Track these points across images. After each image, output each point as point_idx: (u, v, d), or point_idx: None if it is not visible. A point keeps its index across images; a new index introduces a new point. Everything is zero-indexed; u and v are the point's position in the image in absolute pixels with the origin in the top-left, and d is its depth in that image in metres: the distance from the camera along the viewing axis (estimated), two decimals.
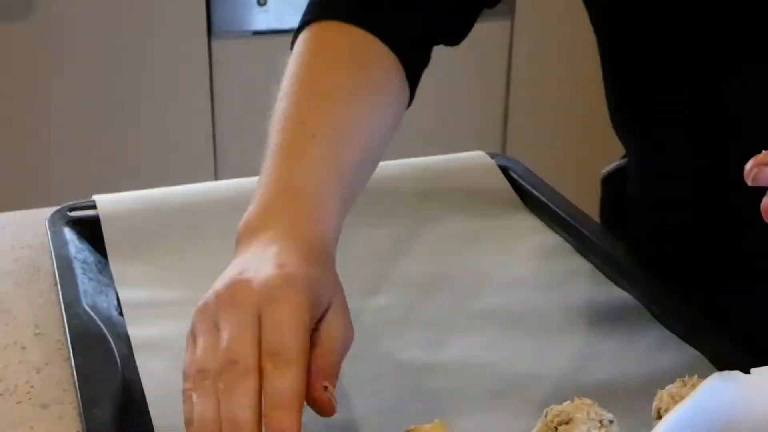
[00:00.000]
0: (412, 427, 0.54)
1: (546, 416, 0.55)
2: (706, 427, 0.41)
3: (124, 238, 0.81)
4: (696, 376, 0.55)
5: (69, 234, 0.80)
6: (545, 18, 2.06)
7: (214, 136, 2.00)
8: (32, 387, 0.66)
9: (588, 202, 0.94)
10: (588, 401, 0.55)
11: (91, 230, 0.81)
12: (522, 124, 2.13)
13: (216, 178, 1.97)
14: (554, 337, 0.70)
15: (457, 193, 0.90)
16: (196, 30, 1.95)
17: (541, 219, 0.86)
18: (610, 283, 0.77)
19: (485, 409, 0.62)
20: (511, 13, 2.04)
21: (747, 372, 0.44)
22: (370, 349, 0.69)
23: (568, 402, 0.55)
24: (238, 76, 1.99)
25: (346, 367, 0.67)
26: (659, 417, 0.54)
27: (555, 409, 0.55)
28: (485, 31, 1.87)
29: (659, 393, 0.56)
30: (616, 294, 0.75)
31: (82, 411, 0.59)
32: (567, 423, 0.53)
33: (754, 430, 0.42)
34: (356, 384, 0.65)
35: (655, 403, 0.56)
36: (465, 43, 0.79)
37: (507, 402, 0.62)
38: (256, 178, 0.87)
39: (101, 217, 0.82)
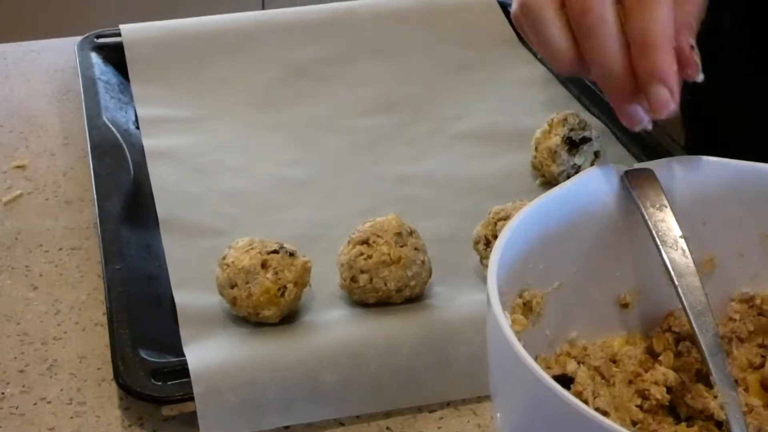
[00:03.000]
0: (369, 220, 0.62)
1: (489, 214, 0.63)
2: (581, 207, 0.47)
3: (146, 62, 0.89)
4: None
5: (95, 58, 0.89)
6: None
7: None
8: (59, 187, 0.76)
9: None
10: (527, 201, 0.63)
11: (116, 56, 0.89)
12: None
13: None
14: (523, 154, 0.77)
15: (457, 28, 0.96)
16: None
17: (532, 53, 0.92)
18: (584, 110, 0.83)
19: (447, 213, 0.70)
20: None
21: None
22: (356, 160, 0.77)
23: (510, 203, 0.63)
24: None
25: (329, 174, 0.76)
26: None
27: (497, 207, 0.63)
28: None
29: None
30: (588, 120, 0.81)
31: (96, 204, 0.68)
32: (505, 219, 0.61)
33: (625, 218, 0.49)
34: (339, 188, 0.74)
35: None
36: None
37: (467, 207, 0.70)
38: (278, 11, 0.95)
39: (125, 43, 0.90)
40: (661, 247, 0.46)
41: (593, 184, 0.48)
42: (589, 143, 0.72)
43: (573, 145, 0.72)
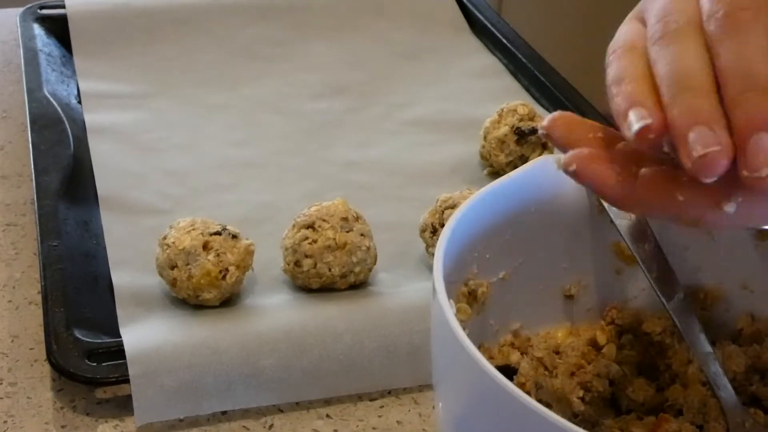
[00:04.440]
0: (315, 204, 0.61)
1: (436, 202, 0.62)
2: (529, 197, 0.47)
3: (90, 35, 0.86)
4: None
5: (37, 29, 0.86)
6: None
7: None
8: None
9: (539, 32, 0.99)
10: (474, 190, 0.62)
11: (59, 28, 0.87)
12: None
13: None
14: (471, 143, 0.76)
15: (409, 15, 0.95)
16: None
17: (483, 42, 0.92)
18: (534, 101, 0.83)
19: (394, 200, 0.70)
20: None
21: None
22: (303, 143, 0.76)
23: (458, 192, 0.63)
24: None
25: (276, 156, 0.74)
26: None
27: (444, 195, 0.62)
28: None
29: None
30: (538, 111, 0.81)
31: (34, 179, 0.66)
32: (452, 208, 0.61)
33: (572, 210, 0.49)
34: (285, 171, 0.72)
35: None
36: None
37: (414, 195, 0.69)
38: None
39: (69, 15, 0.87)
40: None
41: (540, 175, 0.47)
42: (538, 134, 0.71)
43: (521, 135, 0.71)
